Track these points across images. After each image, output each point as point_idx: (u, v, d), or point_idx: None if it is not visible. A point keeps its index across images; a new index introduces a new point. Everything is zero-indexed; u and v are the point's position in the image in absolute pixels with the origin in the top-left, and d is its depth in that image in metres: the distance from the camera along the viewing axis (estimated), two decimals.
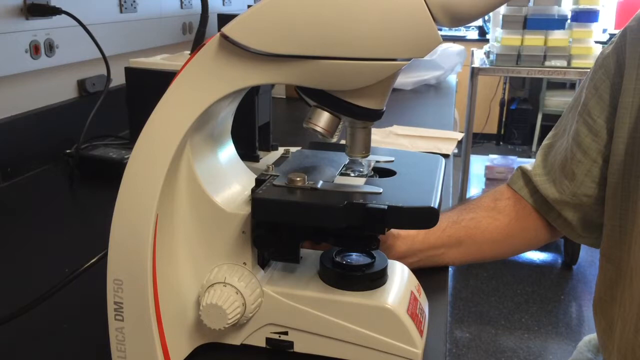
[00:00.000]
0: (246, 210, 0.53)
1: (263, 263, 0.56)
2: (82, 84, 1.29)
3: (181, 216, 0.54)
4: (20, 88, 1.13)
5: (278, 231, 0.53)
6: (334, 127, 0.53)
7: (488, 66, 2.82)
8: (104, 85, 1.19)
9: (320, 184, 0.53)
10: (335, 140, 0.55)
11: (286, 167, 0.59)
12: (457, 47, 2.07)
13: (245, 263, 0.54)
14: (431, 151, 1.18)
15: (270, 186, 0.53)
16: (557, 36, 2.70)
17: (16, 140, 1.09)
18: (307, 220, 0.52)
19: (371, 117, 0.53)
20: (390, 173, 0.59)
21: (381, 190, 0.53)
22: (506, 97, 4.85)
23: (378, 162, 0.61)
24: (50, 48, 1.15)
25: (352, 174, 0.58)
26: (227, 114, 0.59)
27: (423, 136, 1.33)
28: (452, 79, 2.11)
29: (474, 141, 4.46)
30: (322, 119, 0.52)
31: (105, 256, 0.52)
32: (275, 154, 1.01)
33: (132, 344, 0.52)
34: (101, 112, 1.15)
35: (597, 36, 2.75)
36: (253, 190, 0.54)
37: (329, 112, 0.52)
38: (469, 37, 4.58)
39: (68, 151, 1.11)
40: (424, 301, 0.60)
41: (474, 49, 3.22)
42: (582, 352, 0.94)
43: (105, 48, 1.17)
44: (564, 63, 2.71)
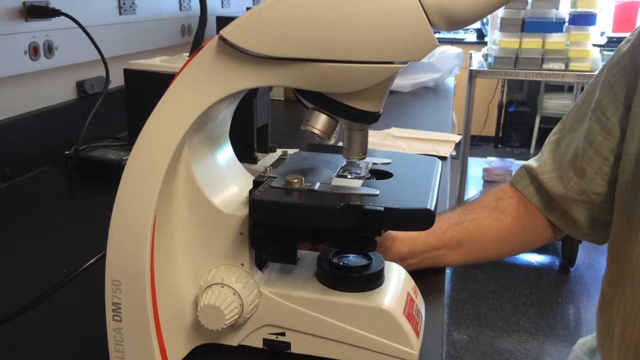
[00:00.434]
0: (244, 211, 0.53)
1: (260, 264, 0.57)
2: (81, 86, 1.29)
3: (179, 217, 0.54)
4: (19, 89, 1.13)
5: (275, 232, 0.53)
6: (332, 130, 0.54)
7: (486, 69, 2.83)
8: (103, 86, 1.20)
9: (317, 186, 0.54)
10: (332, 142, 0.56)
11: (284, 169, 0.59)
12: (455, 50, 2.07)
13: (242, 264, 0.55)
14: (429, 153, 1.19)
15: (267, 188, 0.54)
16: (555, 39, 2.71)
17: (15, 141, 1.09)
18: (305, 221, 0.53)
19: (368, 120, 0.53)
20: (387, 175, 0.59)
21: (378, 192, 0.53)
22: (504, 100, 4.86)
23: (375, 164, 0.61)
24: (49, 49, 1.15)
25: (349, 176, 0.59)
26: (226, 116, 0.59)
27: (421, 138, 1.34)
28: (450, 82, 2.12)
29: (472, 143, 4.47)
30: (320, 121, 0.53)
31: (103, 257, 0.52)
32: (273, 156, 1.01)
33: (130, 345, 0.53)
34: (100, 114, 1.15)
35: (595, 39, 2.76)
36: (251, 191, 0.54)
37: (327, 115, 0.52)
38: (467, 40, 4.58)
39: (67, 152, 1.12)
40: (421, 302, 0.60)
41: (472, 52, 3.22)
42: (578, 356, 0.94)
43: (104, 50, 1.17)
44: (562, 66, 2.72)
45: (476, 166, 3.42)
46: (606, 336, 0.78)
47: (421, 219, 0.50)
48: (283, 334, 0.56)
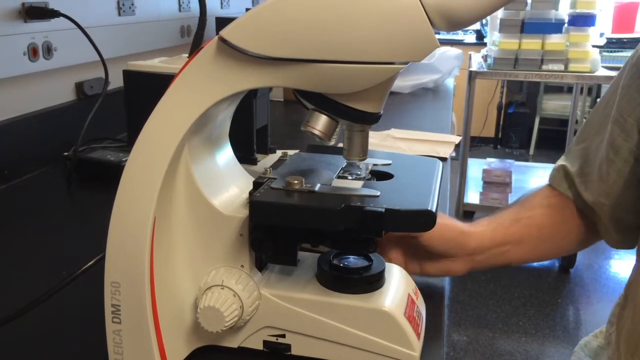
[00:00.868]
0: (244, 213, 0.53)
1: (261, 266, 0.57)
2: (80, 87, 1.29)
3: (179, 219, 0.54)
4: (18, 90, 1.13)
5: (275, 234, 0.53)
6: (332, 130, 0.53)
7: (486, 70, 2.83)
8: (102, 87, 1.19)
9: (317, 187, 0.53)
10: (332, 143, 0.55)
11: (284, 170, 0.59)
12: (455, 51, 2.07)
13: (242, 266, 0.54)
14: (429, 154, 1.18)
15: (268, 189, 0.54)
16: (555, 40, 2.71)
17: (14, 142, 1.09)
18: (305, 223, 0.52)
19: (369, 121, 0.53)
20: (387, 176, 0.59)
21: (378, 193, 0.53)
22: (504, 101, 4.86)
23: (375, 165, 0.61)
24: (48, 51, 1.15)
25: (350, 177, 0.58)
26: (225, 117, 0.59)
27: (421, 139, 1.33)
28: (450, 83, 2.12)
29: (472, 144, 4.47)
30: (320, 122, 0.52)
31: (102, 259, 0.52)
32: (273, 157, 1.01)
33: (130, 347, 0.52)
34: (99, 115, 1.15)
35: (594, 40, 2.76)
36: (251, 193, 0.54)
37: (327, 116, 0.52)
38: (467, 41, 4.59)
39: (66, 154, 1.11)
40: (421, 304, 0.60)
41: (472, 53, 3.23)
42: (580, 357, 0.94)
43: (103, 51, 1.17)
44: (561, 67, 2.72)
45: (476, 167, 3.42)
46: (617, 331, 0.78)
47: (422, 220, 0.50)
48: (283, 336, 0.55)
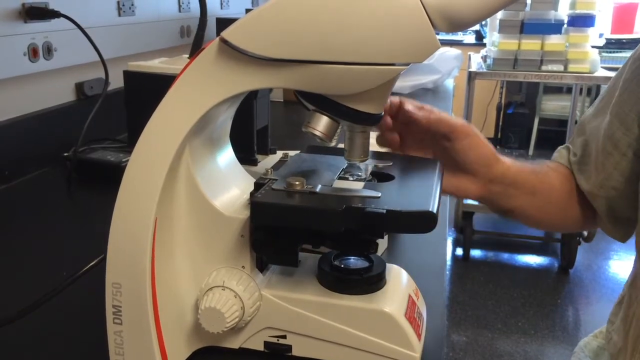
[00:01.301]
0: (245, 214, 0.53)
1: (262, 267, 0.57)
2: (80, 87, 1.29)
3: (180, 220, 0.54)
4: (18, 91, 1.13)
5: (276, 235, 0.53)
6: (333, 131, 0.53)
7: (485, 70, 2.83)
8: (102, 88, 1.19)
9: (318, 188, 0.53)
10: (334, 144, 0.55)
11: (285, 171, 0.59)
12: (455, 51, 2.08)
13: (243, 266, 0.54)
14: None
15: (268, 190, 0.54)
16: (554, 41, 2.71)
17: (14, 143, 1.09)
18: (306, 224, 0.52)
19: (370, 122, 0.53)
20: (388, 177, 0.59)
21: (379, 194, 0.53)
22: (503, 101, 4.86)
23: (376, 166, 0.61)
24: (48, 51, 1.15)
25: (351, 178, 0.58)
26: (226, 118, 0.59)
27: None
28: (450, 83, 2.12)
29: None
30: (321, 123, 0.52)
31: (103, 260, 0.52)
32: (273, 158, 1.01)
33: (131, 348, 0.52)
34: (99, 115, 1.15)
35: (594, 41, 2.77)
36: (252, 194, 0.54)
37: (328, 116, 0.52)
38: (466, 42, 4.58)
39: (66, 154, 1.11)
40: (422, 305, 0.60)
41: (471, 53, 3.23)
42: (580, 358, 0.94)
43: (103, 51, 1.17)
44: (561, 67, 2.72)
45: None
46: (618, 330, 0.78)
47: (424, 222, 0.50)
48: (284, 337, 0.55)
